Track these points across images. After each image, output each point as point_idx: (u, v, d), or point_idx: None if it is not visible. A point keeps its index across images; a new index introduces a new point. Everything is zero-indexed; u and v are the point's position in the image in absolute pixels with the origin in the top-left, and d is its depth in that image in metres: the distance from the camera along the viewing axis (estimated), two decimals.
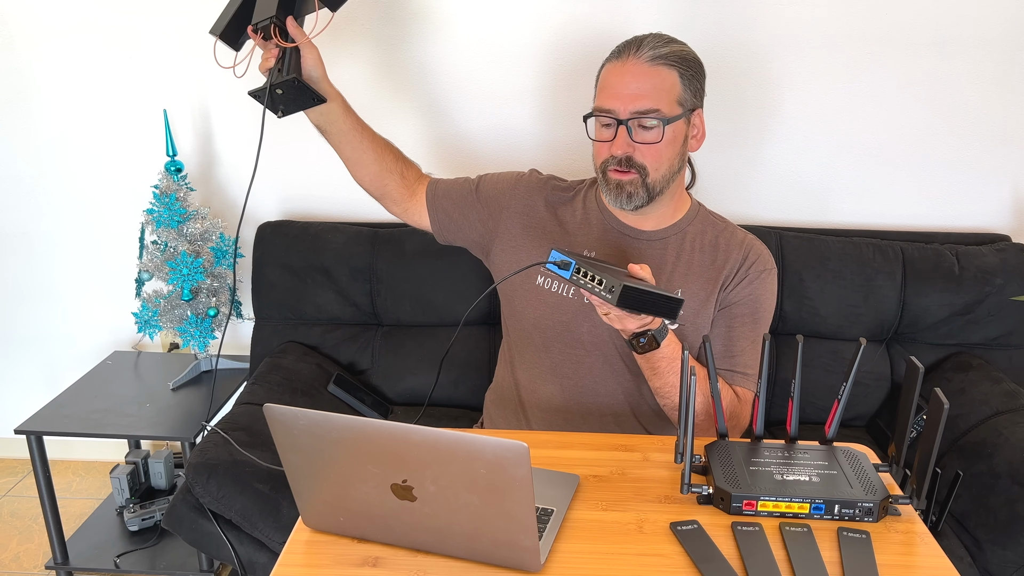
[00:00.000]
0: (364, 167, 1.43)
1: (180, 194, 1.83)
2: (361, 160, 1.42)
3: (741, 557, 0.93)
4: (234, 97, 1.94)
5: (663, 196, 1.33)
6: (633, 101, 1.26)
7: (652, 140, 1.27)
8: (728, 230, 1.40)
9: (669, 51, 1.28)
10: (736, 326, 1.35)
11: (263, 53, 1.30)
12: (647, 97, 1.26)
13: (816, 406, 1.75)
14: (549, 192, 1.45)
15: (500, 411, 1.48)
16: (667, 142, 1.28)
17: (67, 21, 1.90)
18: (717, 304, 1.36)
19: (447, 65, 1.87)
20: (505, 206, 1.44)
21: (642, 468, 1.12)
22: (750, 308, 1.36)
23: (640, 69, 1.27)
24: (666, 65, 1.27)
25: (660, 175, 1.30)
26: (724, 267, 1.36)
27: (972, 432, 1.55)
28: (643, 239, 1.38)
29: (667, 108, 1.27)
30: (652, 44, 1.28)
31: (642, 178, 1.29)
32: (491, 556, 0.91)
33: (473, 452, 0.82)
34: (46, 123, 2.00)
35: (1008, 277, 1.72)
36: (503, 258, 1.44)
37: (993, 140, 1.85)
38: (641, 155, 1.28)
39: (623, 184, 1.30)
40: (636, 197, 1.30)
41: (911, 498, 1.01)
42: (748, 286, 1.35)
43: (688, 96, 1.30)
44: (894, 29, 1.77)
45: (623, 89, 1.27)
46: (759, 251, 1.38)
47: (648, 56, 1.27)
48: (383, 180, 1.45)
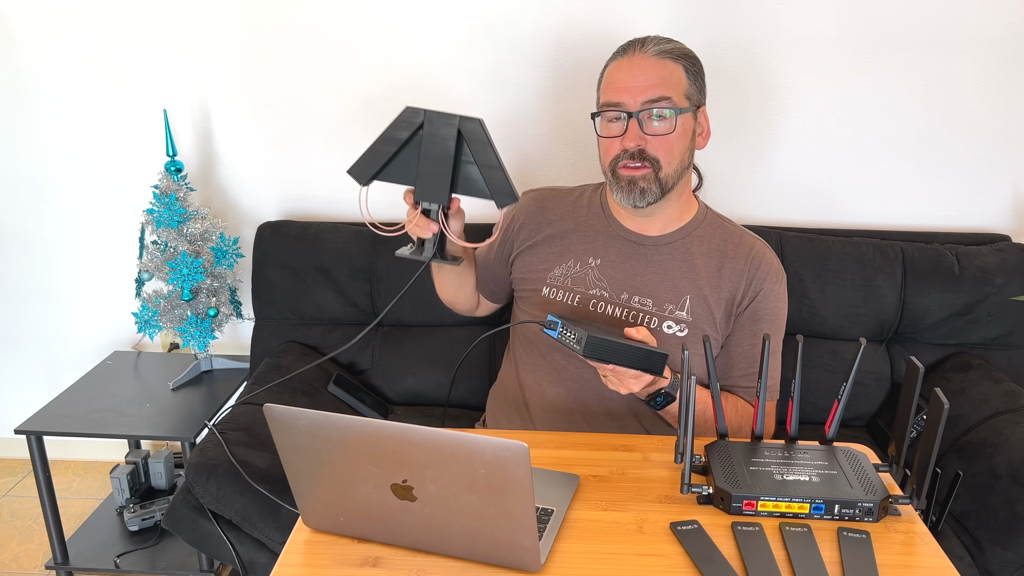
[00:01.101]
0: (461, 301, 1.53)
1: (180, 194, 1.83)
2: (458, 295, 1.51)
3: (741, 557, 0.93)
4: (234, 97, 1.94)
5: (672, 194, 1.32)
6: (643, 92, 1.26)
7: (664, 131, 1.27)
8: (737, 235, 1.39)
9: (673, 47, 1.29)
10: (757, 343, 1.34)
11: (415, 218, 1.16)
12: (657, 86, 1.26)
13: (816, 406, 1.75)
14: (547, 200, 1.46)
15: (503, 409, 1.48)
16: (679, 134, 1.28)
17: (67, 21, 1.90)
18: (731, 320, 1.35)
19: (446, 70, 1.88)
20: (514, 238, 1.47)
21: (642, 468, 1.12)
22: (768, 323, 1.35)
23: (648, 62, 1.27)
24: (672, 59, 1.28)
25: (673, 169, 1.29)
26: (732, 275, 1.35)
27: (972, 432, 1.55)
28: (648, 245, 1.37)
29: (677, 98, 1.27)
30: (656, 41, 1.29)
31: (655, 172, 1.28)
32: (491, 556, 0.91)
33: (473, 452, 0.82)
34: (46, 123, 2.00)
35: (1008, 277, 1.72)
36: (521, 262, 1.45)
37: (993, 140, 1.85)
38: (653, 148, 1.27)
39: (636, 180, 1.28)
40: (649, 193, 1.29)
41: (911, 498, 1.01)
42: (763, 301, 1.35)
43: (694, 92, 1.30)
44: (894, 29, 1.78)
45: (632, 81, 1.27)
46: (769, 261, 1.37)
47: (654, 51, 1.27)
48: (471, 304, 1.56)
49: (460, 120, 1.08)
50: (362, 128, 1.93)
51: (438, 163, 1.10)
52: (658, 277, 1.35)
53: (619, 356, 1.10)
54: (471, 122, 1.08)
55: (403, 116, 1.10)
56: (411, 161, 1.12)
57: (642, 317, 1.34)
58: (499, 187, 1.09)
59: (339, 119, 1.93)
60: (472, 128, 1.08)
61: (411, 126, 1.10)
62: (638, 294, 1.35)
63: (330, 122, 1.94)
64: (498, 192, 1.09)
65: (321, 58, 1.89)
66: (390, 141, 1.11)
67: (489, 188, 1.09)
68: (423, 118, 1.09)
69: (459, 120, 1.08)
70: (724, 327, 1.35)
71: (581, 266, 1.38)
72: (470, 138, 1.09)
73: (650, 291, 1.35)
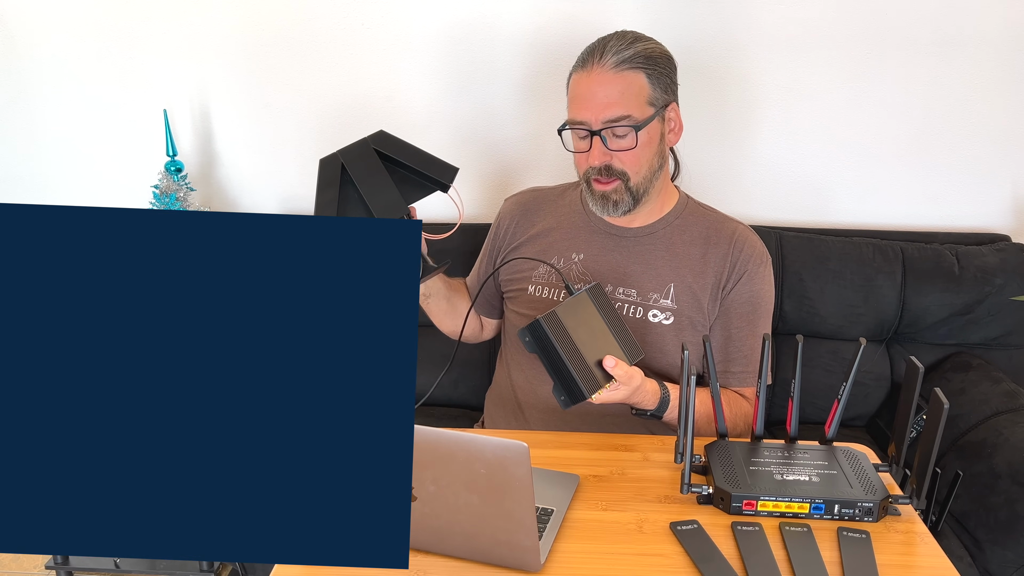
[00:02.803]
0: (454, 326, 1.52)
1: (180, 194, 1.83)
2: (456, 322, 1.51)
3: (741, 557, 0.93)
4: (234, 97, 1.94)
5: (649, 195, 1.34)
6: (603, 110, 1.26)
7: (627, 147, 1.27)
8: (718, 222, 1.40)
9: (633, 53, 1.27)
10: (743, 326, 1.35)
11: None
12: (616, 104, 1.26)
13: (816, 406, 1.74)
14: (529, 203, 1.48)
15: (499, 411, 1.48)
16: (642, 146, 1.28)
17: (67, 22, 1.90)
18: (718, 304, 1.36)
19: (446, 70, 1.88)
20: (500, 244, 1.49)
21: (642, 468, 1.12)
22: (751, 307, 1.36)
23: (605, 77, 1.26)
24: (631, 69, 1.27)
25: (641, 178, 1.30)
26: (715, 261, 1.35)
27: (972, 432, 1.55)
28: (630, 237, 1.38)
29: (638, 112, 1.27)
30: (615, 48, 1.27)
31: (624, 184, 1.30)
32: (491, 556, 0.91)
33: (473, 452, 0.82)
34: (46, 123, 2.00)
35: (1008, 277, 1.72)
36: (507, 265, 1.46)
37: (993, 140, 1.85)
38: (620, 162, 1.28)
39: (607, 194, 1.31)
40: (622, 204, 1.31)
41: (911, 498, 1.01)
42: (747, 284, 1.35)
43: (659, 94, 1.29)
44: (895, 29, 1.77)
45: (591, 100, 1.27)
46: (752, 244, 1.37)
47: (612, 63, 1.26)
48: (474, 328, 1.56)
49: (367, 138, 1.16)
50: (362, 128, 1.89)
51: (376, 179, 1.13)
52: (641, 267, 1.36)
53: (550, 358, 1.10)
54: (376, 134, 1.16)
55: (323, 171, 1.15)
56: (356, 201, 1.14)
57: (627, 308, 1.35)
58: (436, 167, 1.13)
59: (339, 119, 1.93)
60: (381, 137, 1.15)
61: (335, 172, 1.14)
62: (622, 285, 1.36)
63: (330, 122, 1.94)
64: (438, 172, 1.13)
65: (321, 58, 1.89)
66: (327, 197, 1.13)
67: (429, 173, 1.13)
68: (340, 159, 1.14)
69: (367, 139, 1.15)
70: (711, 312, 1.36)
71: (565, 262, 1.39)
72: (385, 145, 1.14)
73: (633, 282, 1.36)
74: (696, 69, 1.79)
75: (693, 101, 1.63)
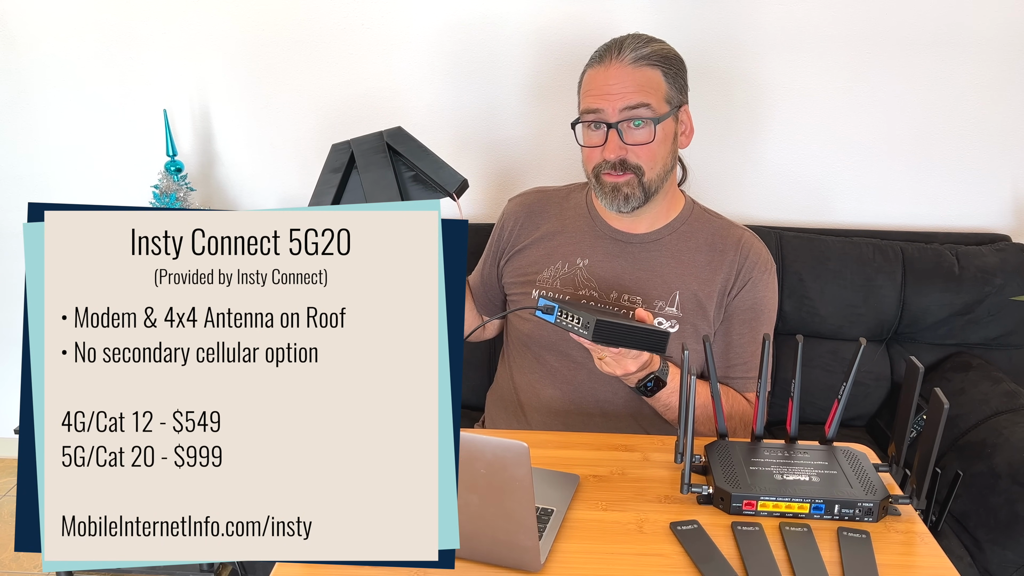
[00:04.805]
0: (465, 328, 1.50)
1: (180, 194, 1.83)
2: None
3: (741, 557, 0.93)
4: (234, 97, 1.94)
5: (657, 195, 1.33)
6: (621, 99, 1.26)
7: (644, 140, 1.27)
8: (724, 228, 1.39)
9: (650, 51, 1.27)
10: (745, 332, 1.35)
11: None
12: (635, 94, 1.26)
13: (816, 406, 1.74)
14: (533, 204, 1.46)
15: (500, 412, 1.48)
16: (659, 141, 1.28)
17: (67, 21, 1.90)
18: (722, 311, 1.36)
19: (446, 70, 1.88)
20: (504, 245, 1.47)
21: (642, 468, 1.12)
22: (754, 313, 1.35)
23: (625, 71, 1.26)
24: (649, 65, 1.27)
25: (656, 173, 1.29)
26: (721, 268, 1.35)
27: (972, 432, 1.55)
28: (636, 243, 1.37)
29: (656, 105, 1.27)
30: (633, 46, 1.27)
31: (638, 178, 1.28)
32: (491, 556, 0.91)
33: (473, 452, 0.82)
34: (46, 123, 2.00)
35: (1008, 277, 1.72)
36: (511, 267, 1.45)
37: (993, 140, 1.85)
38: (635, 156, 1.28)
39: (619, 186, 1.29)
40: (633, 198, 1.29)
41: (911, 498, 1.01)
42: (751, 290, 1.35)
43: (674, 93, 1.30)
44: (894, 29, 1.77)
45: (610, 90, 1.27)
46: (758, 251, 1.37)
47: (630, 58, 1.26)
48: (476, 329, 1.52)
49: (383, 132, 1.14)
50: (362, 128, 1.90)
51: (380, 173, 1.12)
52: (647, 274, 1.36)
53: (626, 338, 1.10)
54: (393, 129, 1.14)
55: (332, 155, 1.14)
56: (357, 194, 1.13)
57: (632, 314, 1.35)
58: (444, 174, 1.11)
59: (339, 119, 1.93)
60: (397, 133, 1.14)
61: (343, 158, 1.13)
62: (627, 292, 1.35)
63: (330, 122, 1.94)
64: (445, 179, 1.11)
65: (321, 58, 1.89)
66: (329, 181, 1.12)
67: (436, 179, 1.12)
68: (350, 148, 1.13)
69: (382, 132, 1.14)
70: (716, 319, 1.36)
71: (570, 267, 1.38)
72: (398, 141, 1.13)
73: (639, 288, 1.35)
74: (696, 69, 1.78)
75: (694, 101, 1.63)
